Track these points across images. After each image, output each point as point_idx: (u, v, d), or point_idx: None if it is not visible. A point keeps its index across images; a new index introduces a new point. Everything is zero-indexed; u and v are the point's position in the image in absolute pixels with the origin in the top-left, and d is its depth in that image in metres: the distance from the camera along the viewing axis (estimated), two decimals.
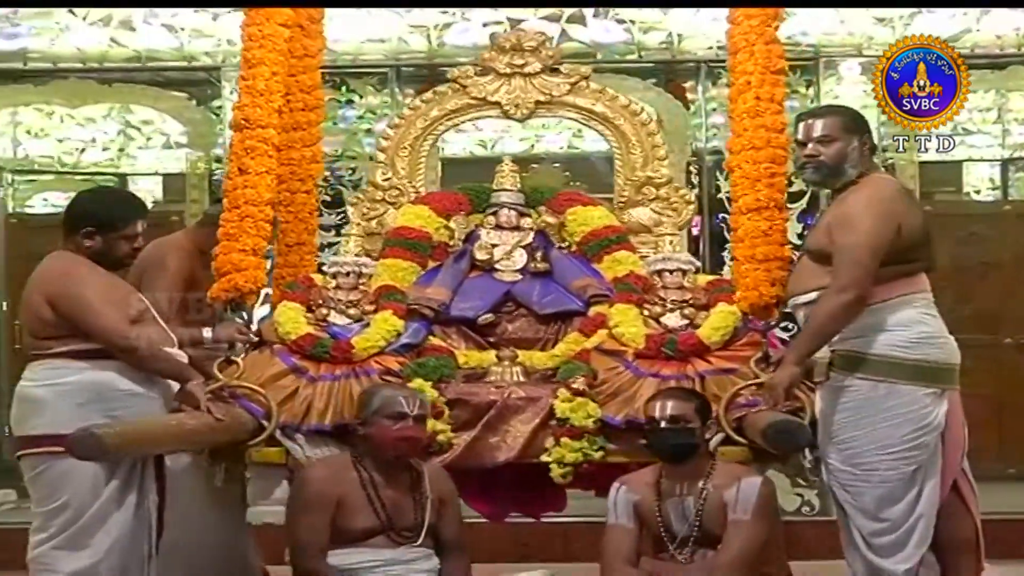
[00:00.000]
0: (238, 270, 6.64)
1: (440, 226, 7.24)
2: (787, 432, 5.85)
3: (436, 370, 6.53)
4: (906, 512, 6.05)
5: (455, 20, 9.71)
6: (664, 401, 6.04)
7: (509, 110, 7.54)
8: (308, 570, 6.05)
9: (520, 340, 6.91)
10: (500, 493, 6.79)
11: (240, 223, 6.69)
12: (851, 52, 9.63)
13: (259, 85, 6.87)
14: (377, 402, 6.10)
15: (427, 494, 6.16)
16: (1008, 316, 11.30)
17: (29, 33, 9.83)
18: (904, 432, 6.00)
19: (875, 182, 6.33)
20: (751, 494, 5.88)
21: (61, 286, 6.11)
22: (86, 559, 6.06)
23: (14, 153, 12.17)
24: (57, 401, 6.07)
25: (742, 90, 6.91)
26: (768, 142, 6.75)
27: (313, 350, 6.60)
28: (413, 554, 6.12)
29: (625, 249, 7.14)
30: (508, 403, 6.46)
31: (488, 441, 6.47)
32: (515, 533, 8.37)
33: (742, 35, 6.96)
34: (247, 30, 6.97)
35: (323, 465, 6.26)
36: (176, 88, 10.72)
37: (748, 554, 5.86)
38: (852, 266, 6.01)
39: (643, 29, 9.74)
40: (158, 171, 12.66)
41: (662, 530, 6.02)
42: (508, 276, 7.10)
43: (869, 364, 6.08)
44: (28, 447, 6.14)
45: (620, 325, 6.68)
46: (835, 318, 6.04)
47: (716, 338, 6.61)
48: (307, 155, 7.47)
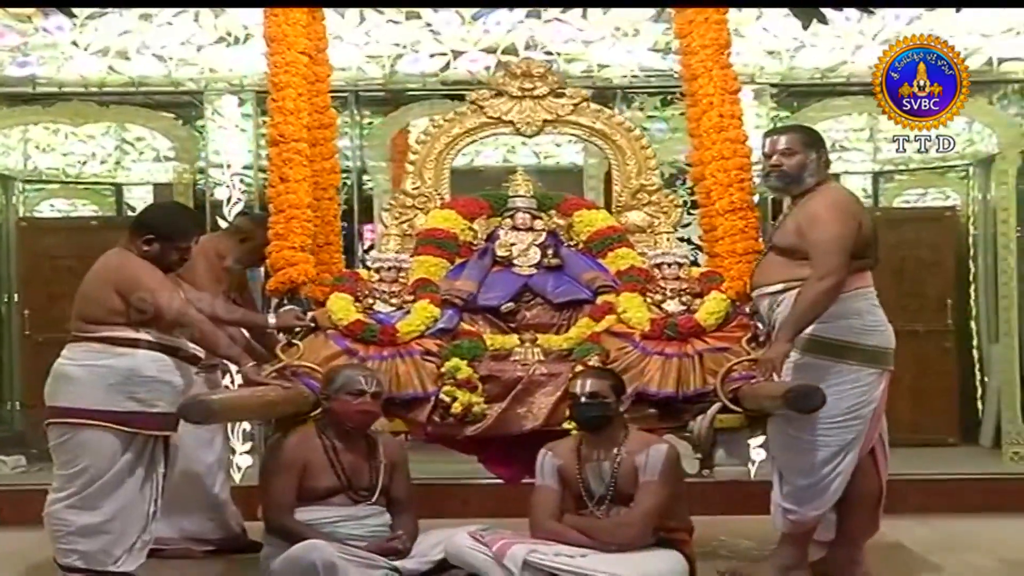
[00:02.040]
0: (291, 264, 6.76)
1: (465, 227, 7.40)
2: (806, 394, 5.94)
3: (470, 350, 6.72)
4: (831, 470, 6.18)
5: (405, 52, 9.71)
6: (584, 379, 6.15)
7: (521, 127, 7.69)
8: (279, 524, 6.16)
9: (538, 325, 7.08)
10: (517, 459, 6.82)
11: (287, 224, 6.85)
12: (745, 80, 9.63)
13: (288, 105, 7.01)
14: (340, 380, 6.22)
15: (381, 460, 6.28)
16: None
17: (38, 62, 9.76)
18: (847, 405, 6.17)
19: (834, 189, 6.51)
20: (659, 459, 5.98)
21: (129, 274, 6.27)
22: (96, 517, 6.13)
23: (24, 165, 12.10)
24: (89, 379, 6.13)
25: (705, 109, 7.14)
26: (735, 152, 7.02)
27: (363, 334, 6.75)
28: (368, 511, 6.22)
29: (625, 247, 7.33)
30: (533, 378, 6.67)
31: (517, 411, 6.66)
32: (457, 493, 8.38)
33: (699, 63, 7.19)
34: (272, 58, 7.17)
35: (293, 434, 6.33)
36: (165, 109, 10.67)
37: (655, 510, 5.98)
38: (827, 256, 6.12)
39: (568, 59, 9.75)
40: (149, 181, 12.59)
41: (582, 490, 6.12)
42: (525, 270, 7.26)
43: (824, 346, 6.22)
44: (57, 417, 6.17)
45: (628, 311, 6.84)
46: (818, 302, 6.14)
47: (711, 321, 6.83)
48: (327, 167, 7.55)
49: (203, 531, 7.42)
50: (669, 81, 9.68)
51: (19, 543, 7.61)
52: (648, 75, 10.03)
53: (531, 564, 5.79)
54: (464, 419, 6.62)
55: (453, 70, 9.85)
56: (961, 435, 11.51)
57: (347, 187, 10.39)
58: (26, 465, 10.19)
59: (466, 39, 9.68)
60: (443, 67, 9.85)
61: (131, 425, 6.15)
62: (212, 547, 7.40)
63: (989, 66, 9.95)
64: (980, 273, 11.65)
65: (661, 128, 10.97)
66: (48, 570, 6.53)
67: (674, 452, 6.16)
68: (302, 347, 6.69)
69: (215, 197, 10.00)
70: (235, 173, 9.95)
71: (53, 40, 9.72)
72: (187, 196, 10.44)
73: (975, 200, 12.04)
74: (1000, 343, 10.67)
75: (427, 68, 9.83)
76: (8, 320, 11.48)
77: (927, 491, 9.09)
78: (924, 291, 11.62)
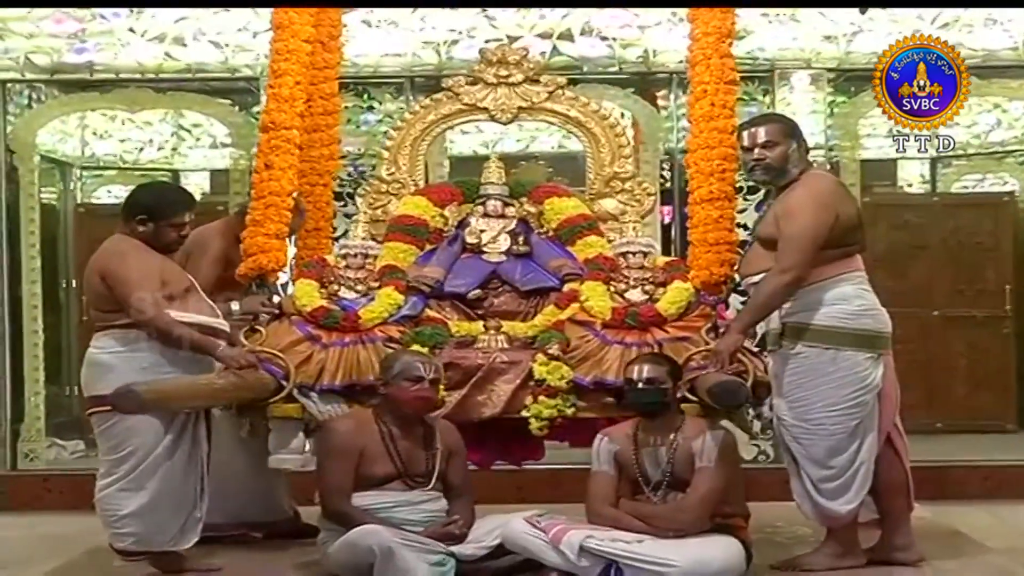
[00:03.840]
0: (262, 251, 6.82)
1: (436, 214, 7.37)
2: (728, 391, 6.01)
3: (432, 337, 6.70)
4: (849, 461, 6.14)
5: (461, 37, 9.71)
6: (641, 365, 6.14)
7: (495, 115, 7.66)
8: (336, 510, 6.16)
9: (504, 312, 7.04)
10: (487, 444, 6.88)
11: (265, 211, 6.88)
12: (801, 65, 9.62)
13: (284, 92, 7.03)
14: (398, 367, 6.21)
15: (438, 446, 6.28)
16: (936, 292, 11.35)
17: (95, 49, 9.82)
18: (846, 392, 6.10)
19: (814, 178, 6.42)
20: (715, 445, 5.99)
21: (108, 263, 6.31)
22: (145, 498, 6.16)
23: (82, 152, 12.19)
24: (122, 365, 6.18)
25: (699, 97, 7.02)
26: (720, 142, 6.89)
27: (326, 320, 6.75)
28: (424, 496, 6.22)
29: (595, 234, 7.29)
30: (493, 366, 6.63)
31: (476, 399, 6.63)
32: (513, 480, 8.39)
33: (700, 49, 7.07)
34: (275, 45, 7.14)
35: (348, 419, 6.35)
36: (221, 96, 10.69)
37: (712, 496, 5.97)
38: (792, 252, 6.09)
39: (623, 45, 9.72)
40: (206, 167, 12.71)
41: (639, 475, 6.12)
42: (494, 257, 7.24)
43: (815, 333, 6.16)
44: (96, 405, 6.21)
45: (590, 299, 6.81)
46: (775, 295, 6.14)
47: (672, 310, 6.79)
48: (325, 153, 7.62)
49: (255, 515, 7.43)
50: None
51: (78, 527, 7.67)
52: None
53: (588, 549, 5.80)
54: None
55: None
56: (1019, 421, 11.43)
57: None
58: (85, 450, 10.27)
59: (522, 24, 9.67)
60: None
61: None
62: (266, 531, 7.42)
63: None
64: None
65: None
66: (106, 554, 6.59)
67: (731, 438, 6.16)
68: (265, 333, 6.72)
69: None
70: None
71: (110, 27, 9.78)
72: (244, 182, 10.42)
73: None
74: None
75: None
76: (66, 306, 11.56)
77: (985, 477, 9.05)
78: (982, 277, 11.57)
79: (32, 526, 8.36)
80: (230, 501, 7.17)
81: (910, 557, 6.42)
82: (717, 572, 5.89)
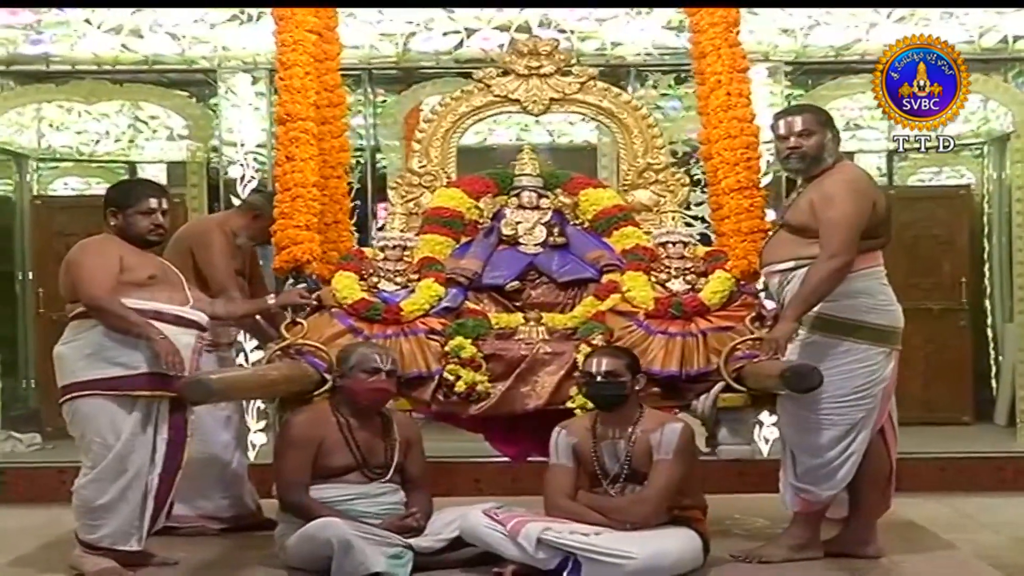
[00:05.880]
0: (295, 243, 6.75)
1: (471, 206, 7.33)
2: (803, 374, 5.93)
3: (474, 329, 6.68)
4: (842, 451, 6.21)
5: (419, 29, 9.71)
6: (599, 358, 6.15)
7: (528, 106, 7.62)
8: (293, 501, 6.16)
9: (542, 304, 7.04)
10: (522, 438, 6.86)
11: (292, 203, 6.82)
12: (759, 58, 9.64)
13: (295, 83, 6.98)
14: (355, 358, 6.22)
15: (396, 437, 6.29)
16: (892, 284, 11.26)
17: (51, 40, 9.79)
18: (856, 384, 6.16)
19: (849, 168, 6.49)
20: (673, 438, 5.98)
21: (72, 253, 6.33)
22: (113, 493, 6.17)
23: (38, 143, 12.15)
24: (72, 354, 6.21)
25: (713, 88, 7.08)
26: (742, 131, 6.95)
27: (367, 312, 6.72)
28: (382, 488, 6.22)
29: (631, 225, 7.27)
30: (537, 357, 6.62)
31: (520, 390, 6.62)
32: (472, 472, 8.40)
33: (708, 41, 7.12)
34: (280, 36, 7.10)
35: (306, 411, 6.34)
36: (178, 88, 10.68)
37: (670, 488, 5.98)
38: (838, 236, 6.10)
39: (581, 38, 9.75)
40: (163, 159, 12.65)
41: (597, 468, 6.12)
42: (531, 249, 7.20)
43: (834, 325, 6.19)
44: (60, 396, 6.26)
45: (632, 290, 6.80)
46: (827, 280, 6.12)
47: (715, 300, 6.78)
48: (336, 145, 7.49)
49: (218, 509, 7.41)
50: (683, 59, 9.55)
51: (34, 520, 7.67)
52: (662, 53, 10.03)
53: (545, 542, 5.79)
54: (468, 398, 6.59)
55: (466, 48, 9.86)
56: (975, 414, 11.54)
57: (360, 165, 10.41)
58: (41, 443, 10.24)
59: (480, 17, 9.69)
60: (456, 45, 9.87)
61: (120, 389, 6.18)
62: (226, 524, 7.41)
63: (1004, 44, 9.93)
64: (995, 252, 11.68)
65: (675, 106, 10.99)
66: (64, 546, 6.56)
67: (689, 430, 6.16)
68: (306, 325, 6.68)
69: (229, 175, 10.03)
70: (248, 151, 9.98)
71: (66, 18, 9.73)
72: (200, 174, 10.46)
73: (990, 179, 12.06)
74: (1014, 322, 10.67)
75: (440, 46, 9.84)
76: (22, 298, 11.52)
77: (941, 469, 9.12)
78: (938, 270, 11.65)
79: None
80: (192, 493, 7.16)
81: (870, 551, 6.44)
82: (675, 564, 5.90)
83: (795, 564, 6.31)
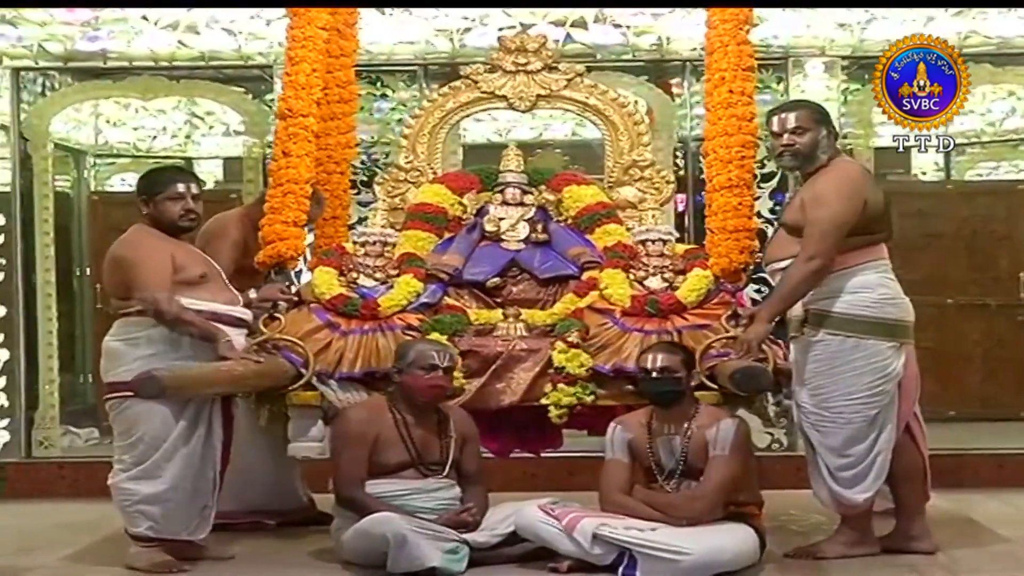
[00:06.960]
0: (281, 239, 6.80)
1: (455, 202, 7.38)
2: (751, 376, 6.01)
3: (451, 325, 6.70)
4: (867, 450, 6.16)
5: (474, 25, 9.69)
6: (655, 354, 6.15)
7: (514, 103, 7.68)
8: (349, 497, 6.19)
9: (523, 300, 7.06)
10: (505, 433, 6.90)
11: (283, 199, 6.87)
12: (815, 53, 9.59)
13: (300, 80, 7.03)
14: (412, 354, 6.23)
15: (452, 434, 6.30)
16: (949, 280, 11.32)
17: (108, 36, 9.81)
18: (867, 380, 6.12)
19: (842, 165, 6.43)
20: (729, 433, 5.99)
21: (122, 251, 6.35)
22: (159, 486, 6.18)
23: (96, 140, 12.21)
24: (129, 351, 6.20)
25: (717, 84, 7.02)
26: (739, 129, 6.88)
27: (345, 308, 6.76)
28: (438, 484, 6.25)
29: (614, 222, 7.27)
30: (512, 354, 6.64)
31: (495, 387, 6.63)
32: (525, 467, 8.40)
33: (717, 37, 7.06)
34: (291, 32, 7.13)
35: (362, 407, 6.37)
36: (235, 83, 10.70)
37: (725, 484, 5.99)
38: (819, 238, 6.08)
39: (636, 33, 9.69)
40: (219, 155, 12.71)
41: (652, 464, 6.14)
42: (513, 245, 7.24)
43: (838, 321, 6.18)
44: (109, 392, 6.24)
45: (609, 287, 6.81)
46: (802, 282, 6.12)
47: (692, 298, 6.78)
48: (342, 141, 7.61)
49: (270, 503, 7.45)
50: None
51: (91, 514, 7.70)
52: None
53: (601, 537, 5.82)
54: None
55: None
56: None
57: None
58: (99, 437, 10.30)
59: (535, 12, 9.65)
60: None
61: None
62: (280, 519, 7.44)
63: None
64: None
65: None
66: (121, 541, 6.61)
67: (744, 426, 6.17)
68: (284, 320, 6.72)
69: None
70: None
71: (123, 15, 9.77)
72: (257, 170, 10.45)
73: None
74: None
75: (495, 42, 9.81)
76: (80, 294, 11.58)
77: (999, 466, 9.04)
78: (996, 265, 11.54)
79: (47, 513, 8.37)
80: (244, 489, 7.19)
81: (924, 546, 6.44)
82: (730, 560, 5.91)
83: (855, 560, 6.31)
